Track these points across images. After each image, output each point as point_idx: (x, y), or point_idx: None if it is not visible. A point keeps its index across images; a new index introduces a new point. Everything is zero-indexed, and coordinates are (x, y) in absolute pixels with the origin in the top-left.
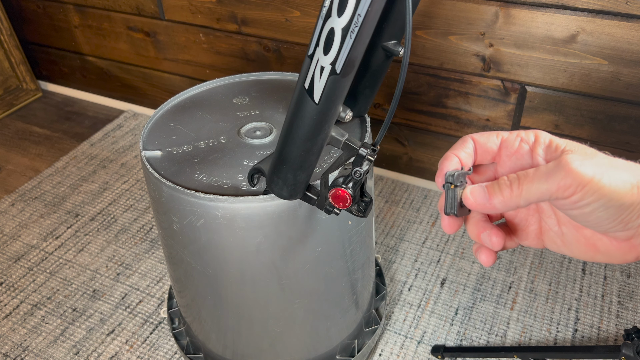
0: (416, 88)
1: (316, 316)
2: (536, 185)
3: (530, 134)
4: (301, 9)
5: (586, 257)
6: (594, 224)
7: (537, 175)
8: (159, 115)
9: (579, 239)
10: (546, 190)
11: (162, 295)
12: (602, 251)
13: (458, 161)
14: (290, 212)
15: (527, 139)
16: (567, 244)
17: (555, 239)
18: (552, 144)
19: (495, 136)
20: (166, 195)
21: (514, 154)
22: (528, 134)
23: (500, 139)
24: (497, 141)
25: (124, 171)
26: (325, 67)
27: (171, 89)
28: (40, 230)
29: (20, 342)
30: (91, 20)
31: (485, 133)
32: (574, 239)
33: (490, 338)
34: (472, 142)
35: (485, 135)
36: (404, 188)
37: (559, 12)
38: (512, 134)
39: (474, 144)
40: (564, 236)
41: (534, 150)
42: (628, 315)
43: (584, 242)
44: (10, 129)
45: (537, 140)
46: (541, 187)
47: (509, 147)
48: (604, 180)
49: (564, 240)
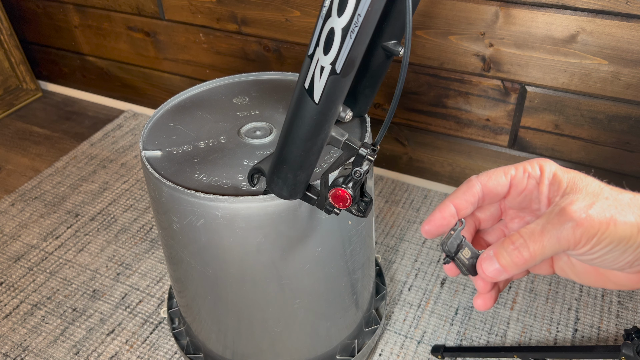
0: (416, 88)
1: (316, 316)
2: (546, 243)
3: (536, 167)
4: (301, 9)
5: (597, 284)
6: (601, 265)
7: (544, 233)
8: (159, 115)
9: (589, 270)
10: (558, 247)
11: (162, 295)
12: (613, 281)
13: (454, 212)
14: (290, 212)
15: (534, 174)
16: (578, 273)
17: (565, 268)
18: (555, 180)
19: (504, 176)
20: (166, 195)
21: (523, 191)
22: (534, 167)
23: (509, 178)
24: (507, 182)
25: (124, 171)
26: (325, 67)
27: (171, 89)
28: (40, 230)
29: (20, 342)
30: (91, 20)
31: (492, 174)
32: (583, 270)
33: (490, 338)
34: (479, 187)
35: (492, 178)
36: (404, 188)
37: (559, 12)
38: (519, 170)
39: (482, 189)
40: (575, 267)
41: (540, 185)
42: (628, 315)
43: (594, 272)
44: (10, 129)
45: (542, 174)
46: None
47: (518, 186)
48: (610, 228)
49: (574, 271)
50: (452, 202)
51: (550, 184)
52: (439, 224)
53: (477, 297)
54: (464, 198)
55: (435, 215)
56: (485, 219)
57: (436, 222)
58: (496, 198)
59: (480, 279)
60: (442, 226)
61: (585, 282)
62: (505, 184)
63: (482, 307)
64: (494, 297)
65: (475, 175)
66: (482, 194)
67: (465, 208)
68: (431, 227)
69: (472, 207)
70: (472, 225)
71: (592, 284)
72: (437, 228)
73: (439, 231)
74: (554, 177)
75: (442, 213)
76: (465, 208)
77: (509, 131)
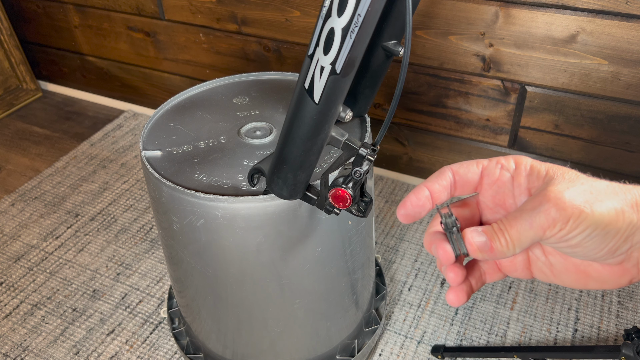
0: (416, 88)
1: (316, 316)
2: (521, 227)
3: (510, 161)
4: (301, 9)
5: (578, 285)
6: (582, 255)
7: (520, 218)
8: (159, 115)
9: (569, 268)
10: (533, 233)
11: (162, 295)
12: (594, 277)
13: (428, 194)
14: (290, 212)
15: (507, 167)
16: (557, 273)
17: (543, 269)
18: (533, 170)
19: (476, 165)
20: (166, 195)
21: (495, 182)
22: (508, 160)
23: (480, 168)
24: (478, 171)
25: (124, 171)
26: (325, 67)
27: (171, 89)
28: (40, 230)
29: (20, 342)
30: (91, 20)
31: (464, 163)
32: (563, 268)
33: (490, 338)
34: (450, 174)
35: (464, 166)
36: (404, 188)
37: (559, 12)
38: (492, 162)
39: (453, 175)
40: (553, 266)
41: (516, 179)
42: (628, 315)
43: (574, 270)
44: (10, 129)
45: (518, 168)
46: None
47: (490, 176)
48: (587, 210)
49: (553, 271)
50: (425, 185)
51: (528, 175)
52: (414, 205)
53: (449, 292)
54: (436, 182)
55: (410, 197)
56: (465, 218)
57: (412, 203)
58: (468, 186)
59: (452, 270)
60: (417, 207)
61: (566, 283)
62: (477, 172)
63: (455, 301)
64: (467, 291)
65: (448, 165)
66: (454, 180)
67: (439, 192)
68: (407, 210)
69: (445, 192)
70: None
71: (573, 285)
72: (413, 209)
73: (415, 214)
74: (531, 169)
75: (417, 195)
76: (439, 192)
77: (509, 131)
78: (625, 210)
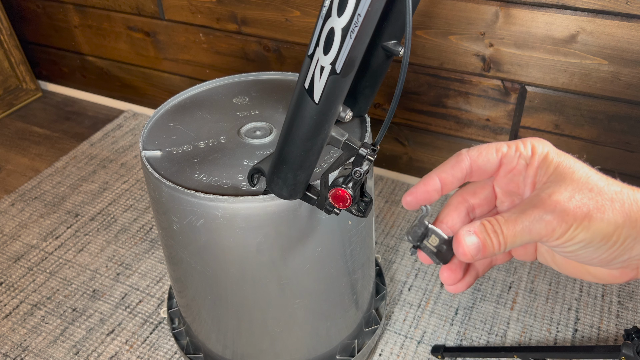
0: (416, 88)
1: (316, 316)
2: (518, 233)
3: (528, 147)
4: (301, 9)
5: (577, 276)
6: (576, 260)
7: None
8: (159, 115)
9: (568, 261)
10: (529, 238)
11: (162, 295)
12: (592, 274)
13: (438, 187)
14: (290, 212)
15: (525, 154)
16: (557, 263)
17: (545, 255)
18: (544, 162)
19: (495, 153)
20: (166, 195)
21: (511, 170)
22: (527, 146)
23: (499, 156)
24: (497, 160)
25: (124, 171)
26: (325, 67)
27: (171, 88)
28: (40, 230)
29: (20, 342)
30: (91, 20)
31: (483, 149)
32: (563, 260)
33: (490, 338)
34: (468, 162)
35: (483, 154)
36: (404, 188)
37: (559, 12)
38: (511, 149)
39: (470, 165)
40: (554, 256)
41: (529, 168)
42: (628, 315)
43: (573, 263)
44: (10, 129)
45: (533, 156)
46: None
47: (508, 164)
48: (584, 224)
49: (554, 260)
50: (438, 175)
51: (538, 167)
52: (420, 197)
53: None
54: (451, 172)
55: (419, 188)
56: (480, 204)
57: (418, 195)
58: (484, 175)
59: (446, 268)
60: (423, 199)
61: (565, 272)
62: (495, 162)
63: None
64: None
65: (465, 149)
66: (471, 170)
67: (451, 183)
68: (412, 199)
69: (458, 183)
70: (464, 212)
71: (572, 275)
72: (418, 201)
73: (419, 204)
74: (544, 160)
75: (426, 186)
76: (451, 183)
77: (509, 131)
78: (627, 224)
